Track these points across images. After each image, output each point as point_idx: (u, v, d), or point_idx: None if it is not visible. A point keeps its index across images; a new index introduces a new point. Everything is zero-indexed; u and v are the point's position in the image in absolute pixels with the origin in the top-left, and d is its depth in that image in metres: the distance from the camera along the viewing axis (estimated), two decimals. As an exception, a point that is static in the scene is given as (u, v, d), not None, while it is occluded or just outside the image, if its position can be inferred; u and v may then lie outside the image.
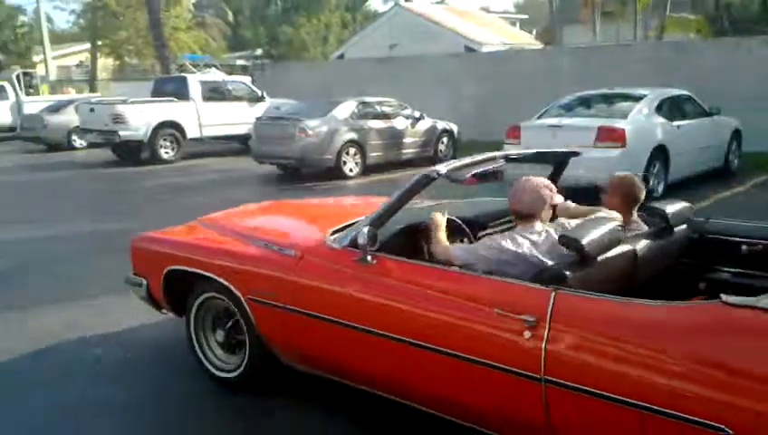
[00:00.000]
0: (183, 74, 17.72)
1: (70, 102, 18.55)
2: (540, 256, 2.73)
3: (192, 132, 15.17)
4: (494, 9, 41.16)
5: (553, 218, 3.08)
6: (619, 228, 2.81)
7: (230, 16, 41.02)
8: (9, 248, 7.27)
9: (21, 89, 23.15)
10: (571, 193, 3.60)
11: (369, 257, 2.90)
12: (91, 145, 16.56)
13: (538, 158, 3.72)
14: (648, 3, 23.39)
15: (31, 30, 33.89)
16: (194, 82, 15.62)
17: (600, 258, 2.64)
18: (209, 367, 3.72)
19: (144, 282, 3.96)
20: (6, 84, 22.75)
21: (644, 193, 3.30)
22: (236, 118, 15.69)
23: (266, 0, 27.58)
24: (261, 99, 16.35)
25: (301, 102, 14.35)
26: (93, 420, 3.45)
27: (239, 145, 16.25)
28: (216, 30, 38.15)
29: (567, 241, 2.62)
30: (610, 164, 7.97)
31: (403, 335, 2.72)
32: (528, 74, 15.93)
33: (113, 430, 3.37)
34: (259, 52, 27.49)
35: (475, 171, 3.04)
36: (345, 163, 11.64)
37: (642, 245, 2.91)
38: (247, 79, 18.79)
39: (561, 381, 2.26)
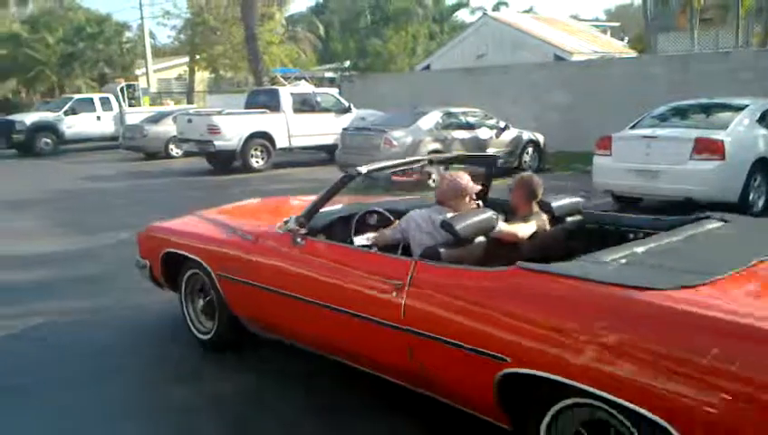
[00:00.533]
0: (275, 87, 18.28)
1: (169, 114, 19.54)
2: (420, 234, 3.47)
3: (281, 142, 15.63)
4: (584, 17, 40.19)
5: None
6: (494, 217, 3.38)
7: (321, 30, 42.08)
8: (105, 253, 7.69)
9: (124, 100, 24.62)
10: (667, 205, 3.58)
11: (299, 239, 3.61)
12: (187, 154, 17.38)
13: (459, 160, 4.66)
14: (752, 8, 22.16)
15: (135, 45, 35.99)
16: (285, 94, 16.11)
17: (477, 240, 3.33)
18: (193, 330, 4.56)
19: (148, 264, 4.78)
20: (111, 96, 24.25)
21: (542, 189, 3.83)
22: (324, 129, 16.06)
23: (356, 14, 28.04)
24: (348, 110, 16.67)
25: (386, 113, 14.52)
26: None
27: (325, 155, 16.63)
28: (307, 43, 39.20)
29: (444, 225, 3.30)
30: (708, 177, 7.62)
31: (321, 301, 3.42)
32: (620, 84, 15.43)
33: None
34: (347, 64, 28.04)
35: (394, 172, 3.99)
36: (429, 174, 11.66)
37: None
38: (335, 91, 19.20)
39: (415, 329, 2.96)
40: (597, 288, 2.54)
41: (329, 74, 33.33)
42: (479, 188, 3.73)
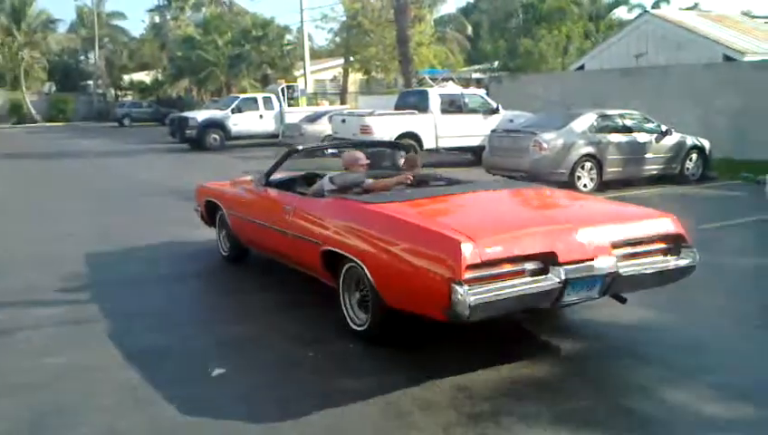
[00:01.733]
0: (425, 88, 18.57)
1: (324, 113, 20.48)
2: (326, 185, 5.45)
3: (428, 143, 15.86)
4: (758, 13, 36.82)
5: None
6: (362, 177, 5.62)
7: (469, 30, 42.00)
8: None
9: (284, 100, 26.11)
10: None
11: (260, 188, 6.20)
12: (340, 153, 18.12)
13: (359, 145, 7.97)
14: None
15: (295, 48, 38.01)
16: (434, 95, 16.33)
17: (365, 186, 5.54)
18: (221, 249, 7.16)
19: (199, 208, 7.55)
20: (273, 96, 25.82)
21: (410, 163, 6.29)
22: (471, 130, 16.09)
23: (507, 13, 27.72)
24: (495, 111, 16.56)
25: (536, 115, 14.26)
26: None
27: (471, 156, 16.65)
28: (455, 44, 39.32)
29: (329, 179, 5.49)
30: None
31: (264, 222, 5.91)
32: (800, 86, 14.04)
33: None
34: (496, 64, 27.80)
35: (328, 150, 7.57)
36: (579, 178, 11.30)
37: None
38: (482, 91, 19.13)
39: (292, 232, 5.31)
40: (355, 204, 4.85)
41: (476, 75, 33.21)
42: (367, 161, 5.97)
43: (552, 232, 4.11)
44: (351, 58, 34.00)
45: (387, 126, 15.47)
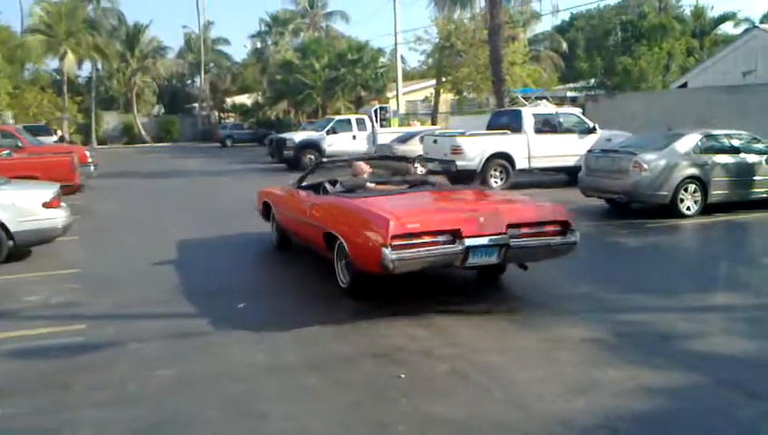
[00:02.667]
0: (518, 108, 18.40)
1: (416, 134, 20.68)
2: (338, 187, 7.50)
3: (521, 163, 15.67)
4: None
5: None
6: (364, 181, 7.58)
7: (564, 48, 41.23)
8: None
9: (377, 121, 26.58)
10: None
11: (295, 189, 8.12)
12: (429, 172, 18.17)
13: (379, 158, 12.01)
14: None
15: (388, 70, 38.66)
16: (527, 115, 16.14)
17: (367, 186, 7.61)
18: (272, 236, 9.20)
19: (260, 207, 9.54)
20: (366, 118, 26.35)
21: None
22: (565, 150, 15.77)
23: (605, 31, 27.05)
24: (592, 131, 16.16)
25: (636, 135, 13.81)
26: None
27: (565, 177, 16.29)
28: (549, 62, 38.69)
29: (341, 182, 7.64)
30: None
31: (296, 215, 7.74)
32: None
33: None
34: (592, 82, 27.14)
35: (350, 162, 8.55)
36: (682, 201, 10.82)
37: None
38: (578, 110, 18.72)
39: (311, 221, 7.16)
40: (341, 199, 6.84)
41: (571, 93, 32.50)
42: (370, 169, 7.96)
43: (459, 216, 6.08)
44: (443, 79, 34.14)
45: (478, 146, 15.43)
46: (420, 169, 9.08)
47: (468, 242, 5.79)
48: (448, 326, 5.62)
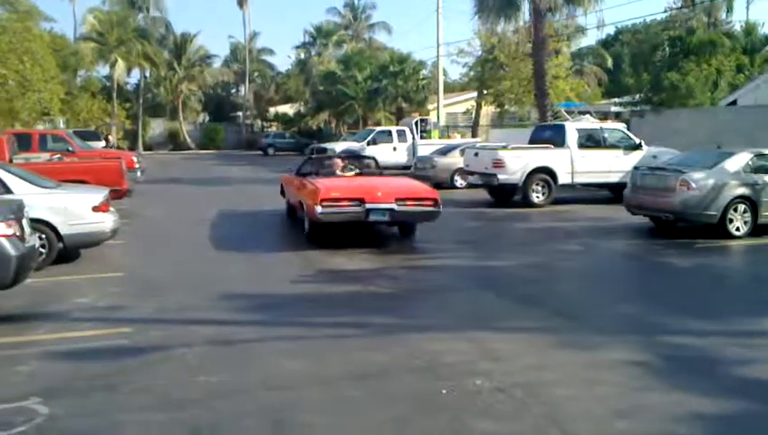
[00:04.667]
0: (561, 122, 18.20)
1: (456, 146, 20.63)
2: (316, 182, 10.57)
3: (564, 178, 15.47)
4: None
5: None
6: (335, 170, 11.71)
7: (609, 63, 40.69)
8: (401, 275, 8.44)
9: (417, 133, 26.64)
10: None
11: (295, 174, 12.02)
12: (470, 186, 18.13)
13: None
14: None
15: (429, 82, 38.68)
16: (571, 129, 15.94)
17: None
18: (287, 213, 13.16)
19: (280, 189, 13.51)
20: (406, 129, 26.43)
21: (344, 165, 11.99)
22: (609, 166, 15.53)
23: (652, 46, 26.60)
24: (638, 147, 15.87)
25: (683, 152, 13.53)
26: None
27: (609, 193, 16.04)
28: (592, 76, 38.22)
29: (317, 170, 12.00)
30: None
31: (296, 193, 11.30)
32: None
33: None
34: (638, 97, 26.70)
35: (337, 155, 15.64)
36: (731, 221, 10.53)
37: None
38: (623, 126, 18.43)
39: (297, 194, 11.29)
40: (306, 179, 11.08)
41: (615, 108, 32.01)
42: (342, 163, 11.94)
43: (365, 190, 9.96)
44: (485, 91, 34.01)
45: (520, 160, 15.30)
46: (373, 164, 12.77)
47: (368, 206, 9.61)
48: (488, 341, 5.58)
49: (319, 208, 9.42)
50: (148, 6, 49.16)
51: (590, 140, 15.96)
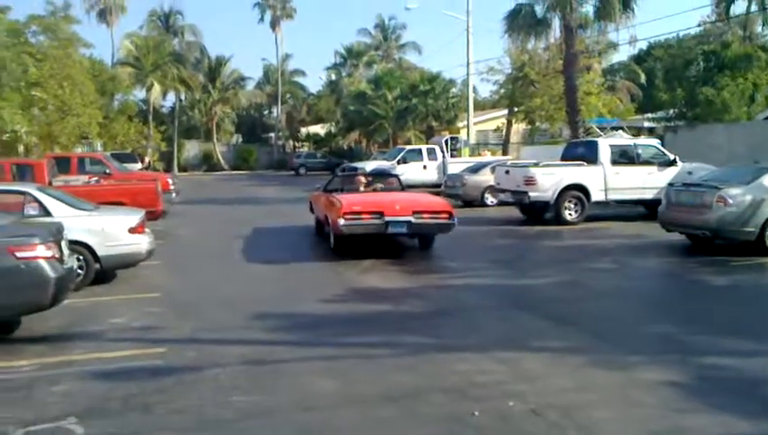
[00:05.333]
0: (594, 138, 18.02)
1: (486, 164, 20.57)
2: (339, 198, 11.24)
3: (597, 196, 15.29)
4: None
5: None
6: (359, 186, 12.75)
7: (642, 78, 40.25)
8: (431, 294, 8.42)
9: (447, 151, 26.65)
10: None
11: (322, 191, 12.85)
12: (501, 203, 18.02)
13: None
14: None
15: (459, 100, 38.75)
16: (604, 145, 15.77)
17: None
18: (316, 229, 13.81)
19: (310, 204, 14.42)
20: (437, 148, 26.47)
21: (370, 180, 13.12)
22: (644, 182, 15.33)
23: (686, 61, 26.28)
24: (672, 163, 15.62)
25: (719, 168, 13.29)
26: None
27: (643, 210, 15.80)
28: (625, 92, 37.84)
29: (342, 187, 13.28)
30: None
31: (322, 208, 12.06)
32: None
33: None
34: (671, 113, 26.34)
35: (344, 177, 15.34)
36: (771, 238, 10.27)
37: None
38: (657, 141, 18.17)
39: (324, 209, 12.02)
40: (331, 195, 11.74)
41: (648, 124, 31.59)
42: (366, 180, 12.89)
43: (383, 204, 10.68)
44: (516, 108, 33.93)
45: (552, 178, 15.16)
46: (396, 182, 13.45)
47: (387, 219, 10.36)
48: (521, 361, 5.52)
49: (342, 221, 10.21)
50: (183, 31, 50.43)
51: (624, 157, 15.77)
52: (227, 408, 4.63)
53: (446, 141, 27.47)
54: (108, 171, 18.26)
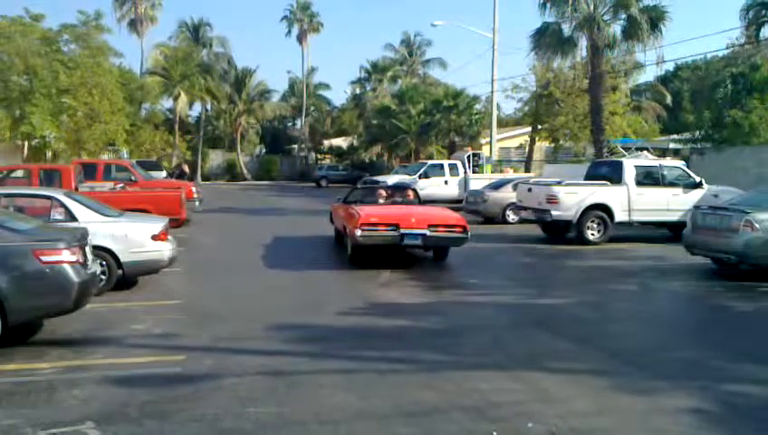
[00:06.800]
0: (619, 159, 17.85)
1: (509, 181, 20.46)
2: (358, 209, 11.68)
3: (620, 216, 15.11)
4: None
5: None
6: (379, 199, 13.73)
7: (668, 99, 39.90)
8: (450, 310, 8.36)
9: (469, 167, 26.57)
10: None
11: (342, 203, 13.26)
12: (523, 221, 17.90)
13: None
14: None
15: (482, 116, 38.71)
16: (629, 166, 15.60)
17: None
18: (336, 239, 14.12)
19: (330, 216, 14.58)
20: (459, 163, 26.42)
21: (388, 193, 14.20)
22: (668, 204, 15.14)
23: (713, 83, 26.02)
24: (698, 185, 15.42)
25: (747, 191, 13.08)
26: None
27: (667, 232, 15.59)
28: (651, 113, 37.53)
29: (360, 199, 13.81)
30: None
31: (342, 219, 12.34)
32: None
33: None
34: (697, 135, 26.05)
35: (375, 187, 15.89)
36: (800, 264, 10.07)
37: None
38: (682, 163, 17.97)
39: (343, 220, 12.45)
40: (351, 206, 12.27)
41: (674, 145, 31.26)
42: (384, 193, 13.84)
43: (400, 216, 11.05)
44: (539, 126, 33.79)
45: (575, 197, 15.01)
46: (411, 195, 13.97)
47: (403, 231, 10.68)
48: (540, 381, 5.45)
49: (359, 232, 10.58)
50: (211, 42, 51.06)
51: (649, 178, 15.59)
52: (244, 418, 4.62)
53: (469, 157, 27.39)
54: (133, 178, 18.48)
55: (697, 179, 15.61)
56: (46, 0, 69.55)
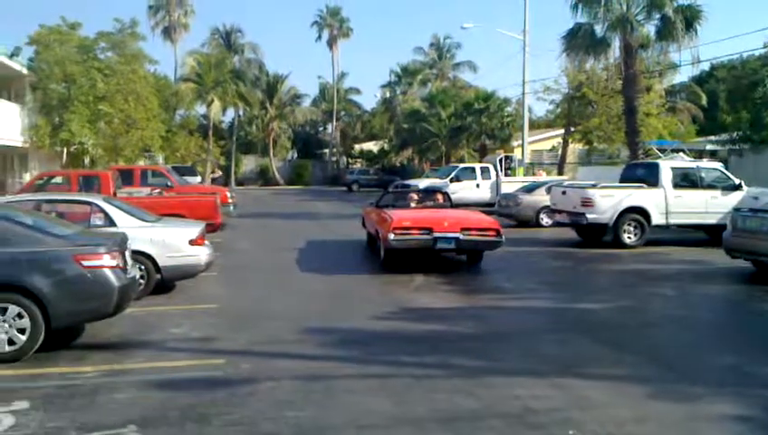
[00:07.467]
0: (655, 160, 17.55)
1: (542, 184, 20.26)
2: (390, 213, 11.72)
3: (657, 219, 14.86)
4: None
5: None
6: (410, 202, 14.10)
7: (703, 100, 39.11)
8: (485, 314, 8.32)
9: (501, 170, 26.40)
10: None
11: (374, 207, 13.33)
12: (556, 224, 17.70)
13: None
14: None
15: (514, 119, 38.45)
16: (665, 168, 15.33)
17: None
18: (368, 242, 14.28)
19: (362, 220, 14.57)
20: (490, 166, 26.27)
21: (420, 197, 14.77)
22: (706, 206, 14.83)
23: (751, 82, 25.45)
24: (737, 187, 15.07)
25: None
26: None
27: (705, 235, 15.28)
28: (686, 114, 36.84)
29: (392, 202, 14.01)
30: None
31: (374, 223, 12.39)
32: None
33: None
34: (735, 135, 25.49)
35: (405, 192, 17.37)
36: None
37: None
38: (720, 165, 17.59)
39: (375, 224, 12.34)
40: (383, 210, 12.37)
41: (710, 147, 30.63)
42: (416, 197, 14.36)
43: (432, 220, 10.99)
44: (572, 128, 33.40)
45: (611, 200, 14.80)
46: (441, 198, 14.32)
47: (436, 235, 10.59)
48: (579, 388, 5.38)
49: (391, 236, 10.57)
50: (243, 49, 51.74)
51: (686, 180, 15.29)
52: (282, 423, 4.65)
53: (501, 160, 27.23)
54: (169, 184, 18.78)
55: (736, 181, 15.26)
56: (81, 9, 71.27)
